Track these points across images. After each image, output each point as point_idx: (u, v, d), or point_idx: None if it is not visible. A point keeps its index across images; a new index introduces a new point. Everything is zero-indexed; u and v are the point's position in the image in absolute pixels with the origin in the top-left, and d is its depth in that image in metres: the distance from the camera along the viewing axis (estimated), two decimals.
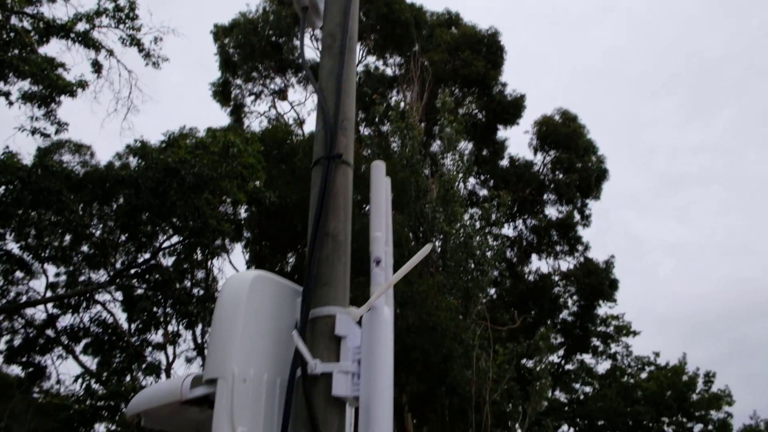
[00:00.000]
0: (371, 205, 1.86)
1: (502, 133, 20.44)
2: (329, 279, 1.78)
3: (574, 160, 19.31)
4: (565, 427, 20.46)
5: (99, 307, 14.17)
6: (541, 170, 20.21)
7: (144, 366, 13.89)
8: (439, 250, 15.90)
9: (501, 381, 13.64)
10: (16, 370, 17.01)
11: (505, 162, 20.50)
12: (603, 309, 20.69)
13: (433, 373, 12.75)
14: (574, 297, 19.64)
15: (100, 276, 14.38)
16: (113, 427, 12.81)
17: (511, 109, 19.51)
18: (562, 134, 19.42)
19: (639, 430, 19.50)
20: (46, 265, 14.22)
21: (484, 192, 19.95)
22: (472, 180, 19.68)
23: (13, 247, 13.16)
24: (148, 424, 1.75)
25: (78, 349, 14.17)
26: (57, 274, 14.59)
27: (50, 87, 11.24)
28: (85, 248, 14.20)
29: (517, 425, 14.28)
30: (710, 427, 20.14)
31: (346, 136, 2.02)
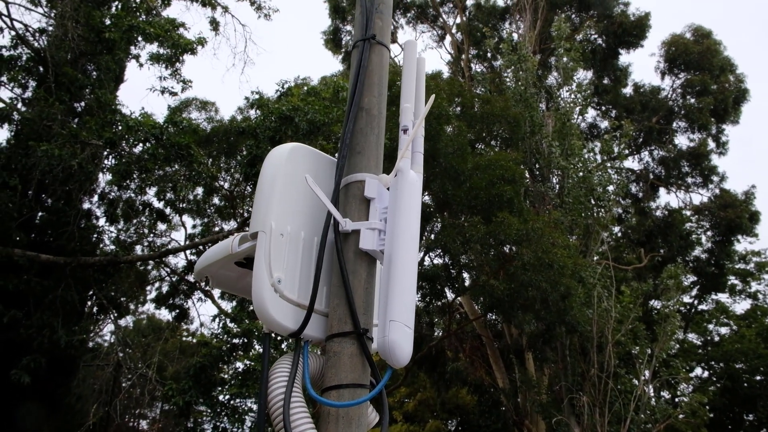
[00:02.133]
0: (402, 79, 1.94)
1: (625, 58, 19.14)
2: (362, 149, 1.89)
3: (707, 81, 17.68)
4: (698, 370, 19.41)
5: None
6: (669, 96, 18.72)
7: None
8: (557, 187, 15.41)
9: (625, 321, 13.17)
10: (165, 313, 19.07)
11: (628, 90, 19.22)
12: (742, 245, 19.21)
13: (551, 312, 12.54)
14: (708, 232, 18.34)
15: (231, 226, 15.52)
16: (248, 362, 13.96)
17: (635, 30, 18.08)
18: (694, 53, 17.78)
19: None
20: (184, 218, 15.57)
21: (605, 124, 18.88)
22: (591, 112, 18.71)
23: (154, 201, 14.50)
24: (215, 286, 1.98)
25: (216, 293, 15.55)
26: (194, 226, 15.99)
27: (174, 47, 12.06)
28: (216, 200, 15.37)
29: (643, 366, 13.76)
30: None
31: (382, 19, 2.10)
